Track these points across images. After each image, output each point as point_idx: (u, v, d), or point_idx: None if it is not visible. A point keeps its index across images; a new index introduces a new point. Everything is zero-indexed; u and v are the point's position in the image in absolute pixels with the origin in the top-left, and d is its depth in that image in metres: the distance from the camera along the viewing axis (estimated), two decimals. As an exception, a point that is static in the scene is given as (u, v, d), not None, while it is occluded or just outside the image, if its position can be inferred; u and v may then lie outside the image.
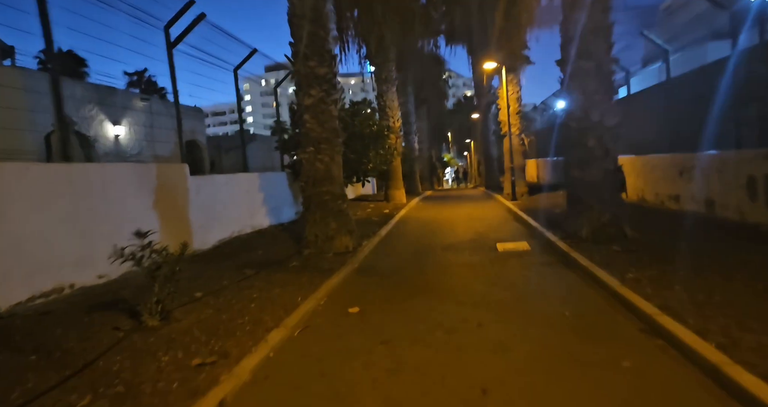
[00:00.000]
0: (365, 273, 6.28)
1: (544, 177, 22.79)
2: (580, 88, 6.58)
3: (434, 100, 36.76)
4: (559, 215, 9.66)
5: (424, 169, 30.96)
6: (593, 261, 5.37)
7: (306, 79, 7.24)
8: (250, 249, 7.79)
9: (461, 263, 6.42)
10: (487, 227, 9.67)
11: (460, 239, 8.40)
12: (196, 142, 14.00)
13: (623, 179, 6.54)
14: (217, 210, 8.09)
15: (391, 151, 13.45)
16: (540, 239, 7.73)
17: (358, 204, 16.07)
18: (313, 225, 7.44)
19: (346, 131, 11.84)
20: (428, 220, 11.61)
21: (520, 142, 15.51)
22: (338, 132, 7.55)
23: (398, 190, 16.84)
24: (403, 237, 9.10)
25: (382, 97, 16.54)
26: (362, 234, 9.11)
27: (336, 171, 7.55)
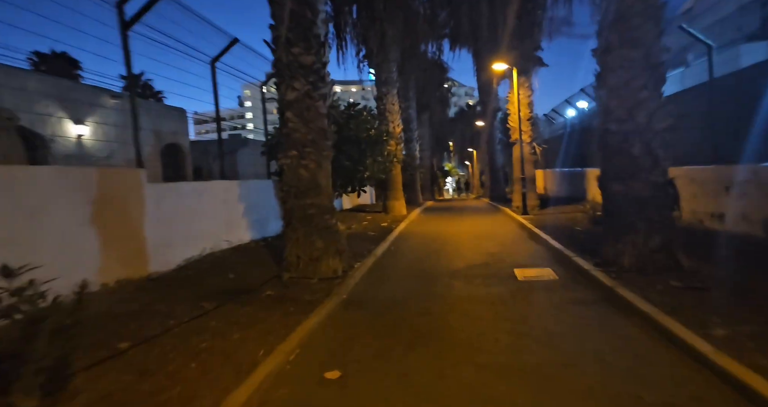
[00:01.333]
0: (354, 307, 5.00)
1: (552, 189, 21.58)
2: (622, 83, 5.36)
3: (436, 106, 35.71)
4: (583, 235, 8.42)
5: (426, 178, 29.75)
6: (652, 303, 4.09)
7: (288, 69, 6.03)
8: (221, 270, 6.52)
9: (474, 297, 5.14)
10: (499, 247, 8.39)
11: (470, 262, 7.13)
12: (178, 146, 12.77)
13: (676, 195, 5.30)
14: (184, 224, 6.83)
15: (390, 159, 12.24)
16: (567, 265, 6.45)
17: (354, 215, 14.81)
18: (295, 244, 6.18)
19: (341, 135, 10.67)
20: (431, 236, 10.34)
21: (531, 151, 14.31)
22: (327, 133, 6.32)
23: (398, 200, 15.60)
24: (403, 258, 7.82)
25: (381, 101, 15.36)
26: (355, 252, 7.85)
27: (323, 179, 6.31)
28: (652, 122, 5.25)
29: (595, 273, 5.43)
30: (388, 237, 9.84)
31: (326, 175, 6.39)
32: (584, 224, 9.94)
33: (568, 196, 18.68)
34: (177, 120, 12.64)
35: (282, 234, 6.54)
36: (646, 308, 3.96)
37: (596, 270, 5.52)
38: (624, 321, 4.02)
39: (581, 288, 5.24)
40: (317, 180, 6.23)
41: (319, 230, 6.20)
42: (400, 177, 15.83)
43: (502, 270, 6.43)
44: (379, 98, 15.43)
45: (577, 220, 10.64)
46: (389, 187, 15.60)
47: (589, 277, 5.48)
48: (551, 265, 6.57)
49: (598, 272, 5.43)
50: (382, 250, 8.43)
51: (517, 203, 14.37)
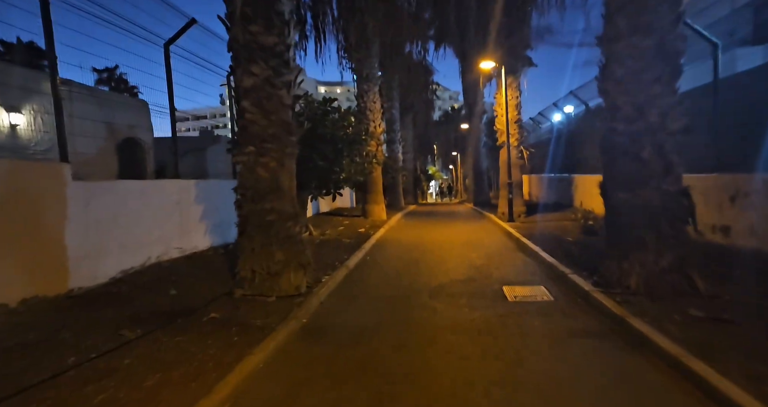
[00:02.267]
0: (314, 337, 4.13)
1: (537, 194, 21.03)
2: (632, 76, 4.62)
3: (421, 108, 35.05)
4: (576, 246, 7.70)
5: (408, 181, 29.00)
6: (674, 339, 3.33)
7: (246, 50, 5.13)
8: (164, 285, 5.57)
9: (459, 324, 4.31)
10: (485, 258, 7.61)
11: (453, 277, 6.32)
12: (137, 141, 11.68)
13: (691, 206, 4.58)
14: (123, 230, 5.86)
15: (370, 160, 11.39)
16: (562, 283, 5.69)
17: (331, 219, 13.91)
18: (251, 256, 5.28)
19: (315, 132, 9.78)
20: (411, 245, 9.52)
21: (518, 155, 13.63)
22: (291, 127, 5.44)
23: (378, 204, 14.75)
24: (378, 271, 6.97)
25: (362, 98, 14.51)
26: (325, 263, 6.99)
27: (286, 180, 5.43)
28: (665, 121, 4.52)
29: (597, 295, 4.66)
30: (365, 246, 8.99)
31: (289, 175, 5.51)
32: (575, 234, 9.25)
33: (554, 202, 18.11)
34: (137, 112, 11.56)
35: (236, 244, 5.64)
36: (670, 347, 3.18)
37: (597, 292, 4.76)
38: (644, 365, 3.23)
39: (582, 315, 4.46)
40: (278, 181, 5.34)
41: (280, 240, 5.31)
42: (380, 179, 15.00)
43: (489, 288, 5.64)
44: (359, 95, 14.59)
45: (567, 229, 9.96)
46: (369, 190, 14.74)
47: (591, 300, 4.71)
48: (544, 282, 5.80)
49: (600, 294, 4.67)
50: (356, 261, 7.56)
51: (502, 209, 13.67)
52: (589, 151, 15.00)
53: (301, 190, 10.47)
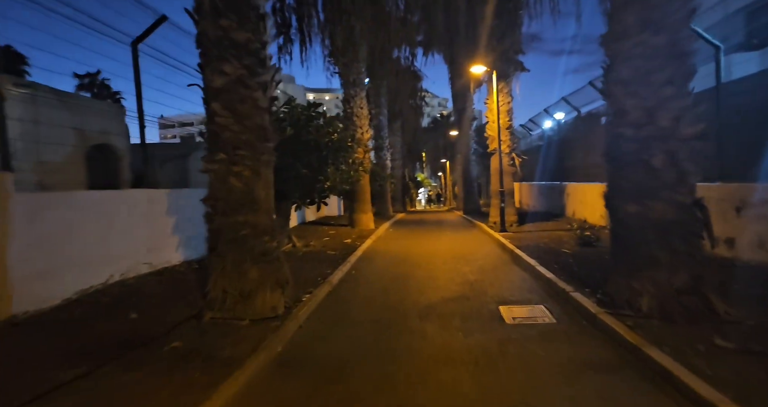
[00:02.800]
0: (288, 372, 3.61)
1: (528, 203, 20.72)
2: (641, 77, 4.22)
3: (409, 115, 34.74)
4: (573, 259, 7.28)
5: (397, 189, 28.58)
6: (704, 378, 2.87)
7: (216, 47, 4.64)
8: (124, 307, 4.99)
9: (452, 354, 3.82)
10: (478, 272, 7.15)
11: (445, 294, 5.84)
12: (110, 147, 11.04)
13: (706, 219, 4.17)
14: (80, 245, 5.29)
15: (356, 167, 10.90)
16: (563, 302, 5.24)
17: (316, 229, 13.38)
18: (222, 274, 4.74)
19: (299, 139, 9.29)
20: (400, 257, 9.03)
21: (510, 162, 13.27)
22: (267, 132, 4.94)
23: (365, 213, 14.27)
24: (364, 288, 6.46)
25: (348, 103, 14.07)
26: (307, 279, 6.47)
27: (262, 191, 4.91)
28: (678, 126, 4.12)
29: (605, 318, 4.21)
30: (350, 258, 8.47)
31: (266, 185, 4.99)
32: (571, 245, 8.85)
33: (545, 211, 17.79)
34: (110, 117, 10.95)
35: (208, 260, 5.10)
36: (702, 389, 2.72)
37: (605, 314, 4.30)
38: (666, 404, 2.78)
39: (590, 341, 4.00)
40: (253, 192, 4.82)
41: (255, 256, 4.78)
42: (368, 187, 14.52)
43: (484, 308, 5.16)
44: (345, 100, 14.14)
45: (563, 241, 9.56)
46: (356, 199, 14.26)
47: (598, 324, 4.26)
48: (544, 301, 5.34)
49: (609, 317, 4.22)
50: (340, 276, 7.05)
51: (494, 218, 13.27)
52: (581, 159, 14.72)
53: (284, 200, 9.95)
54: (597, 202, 12.36)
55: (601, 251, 7.95)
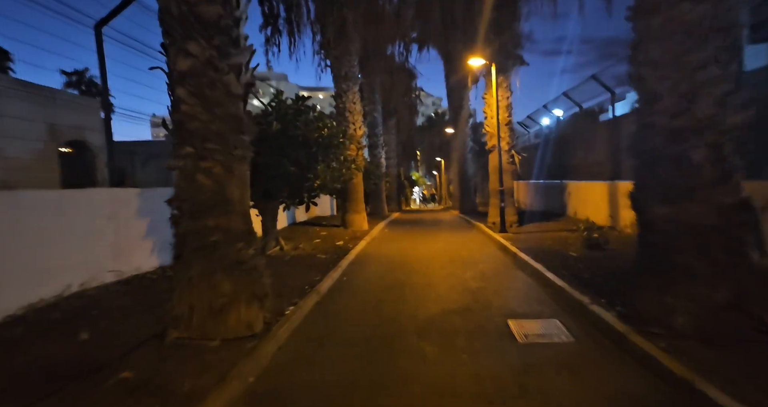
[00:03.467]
0: None
1: (526, 202, 20.15)
2: (677, 57, 3.62)
3: (404, 113, 34.16)
4: (583, 264, 6.69)
5: (392, 187, 27.97)
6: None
7: (181, 24, 3.98)
8: (76, 325, 4.32)
9: (458, 385, 3.20)
10: (481, 279, 6.54)
11: (445, 305, 5.23)
12: (85, 144, 10.33)
13: (756, 223, 3.59)
14: (29, 252, 4.62)
15: (349, 165, 10.28)
16: (580, 316, 4.63)
17: (306, 231, 12.72)
18: (188, 287, 4.09)
19: (286, 134, 8.66)
20: (395, 261, 8.41)
21: (509, 160, 12.68)
22: (242, 123, 4.29)
23: (358, 213, 13.63)
24: (355, 298, 5.83)
25: (340, 98, 13.42)
26: (292, 288, 5.85)
27: (236, 190, 4.26)
28: (721, 114, 3.52)
29: (635, 339, 3.61)
30: (341, 263, 7.84)
31: (241, 184, 4.34)
32: (578, 248, 8.26)
33: (544, 210, 17.24)
34: (86, 112, 10.23)
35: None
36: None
37: (634, 333, 3.70)
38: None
39: (620, 368, 3.39)
40: (225, 191, 4.18)
41: (227, 266, 4.14)
42: (361, 186, 13.89)
43: (491, 322, 4.55)
44: (337, 95, 13.49)
45: (568, 243, 8.98)
46: (349, 198, 13.62)
47: (627, 346, 3.65)
48: (557, 314, 4.74)
49: (639, 338, 3.61)
50: (329, 284, 6.42)
51: (493, 218, 12.68)
52: (583, 156, 14.17)
53: (271, 200, 9.30)
54: (601, 202, 11.81)
55: (612, 255, 7.38)
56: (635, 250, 4.24)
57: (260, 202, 9.24)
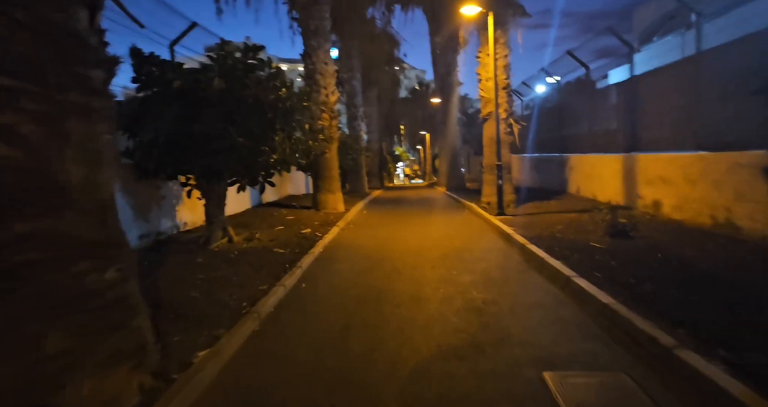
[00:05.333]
0: None
1: (520, 178, 18.48)
2: None
3: (386, 84, 31.97)
4: (618, 260, 5.02)
5: (373, 163, 26.07)
6: None
7: None
8: None
9: None
10: (486, 288, 4.83)
11: (442, 339, 3.50)
12: None
13: None
14: None
15: (316, 136, 8.37)
16: (663, 365, 2.94)
17: (271, 214, 10.84)
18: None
19: (232, 96, 6.74)
20: (373, 257, 6.65)
21: (507, 130, 10.89)
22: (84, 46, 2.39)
23: (332, 193, 11.77)
24: (311, 324, 4.05)
25: (309, 58, 11.33)
26: (224, 305, 4.08)
27: (75, 168, 2.37)
28: None
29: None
30: (303, 260, 6.05)
31: (86, 155, 2.45)
32: (599, 236, 6.63)
33: (540, 187, 15.65)
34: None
35: None
36: None
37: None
38: None
39: None
40: (49, 169, 2.30)
41: (57, 306, 2.30)
42: (335, 161, 11.98)
43: (516, 376, 2.85)
44: (306, 55, 11.39)
45: (583, 228, 7.34)
46: (321, 175, 11.73)
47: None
48: (617, 359, 3.06)
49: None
50: (279, 297, 4.63)
51: (487, 198, 10.98)
52: (587, 126, 12.48)
53: (216, 180, 7.38)
54: (612, 177, 10.18)
55: (647, 246, 5.79)
56: (676, 240, 2.52)
57: (202, 182, 7.32)
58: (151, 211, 7.37)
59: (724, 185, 6.50)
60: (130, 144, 6.86)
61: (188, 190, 7.53)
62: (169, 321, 3.79)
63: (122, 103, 6.78)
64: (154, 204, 7.49)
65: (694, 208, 7.20)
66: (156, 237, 7.36)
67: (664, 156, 8.11)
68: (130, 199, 6.78)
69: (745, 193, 5.94)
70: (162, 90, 6.66)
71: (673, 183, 7.75)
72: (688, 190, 7.34)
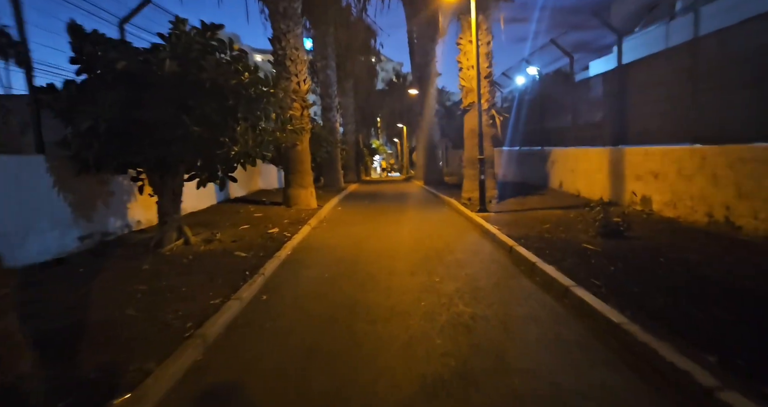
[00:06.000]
0: None
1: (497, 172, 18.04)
2: None
3: (362, 74, 31.15)
4: (615, 265, 4.50)
5: (349, 156, 25.31)
6: None
7: None
8: None
9: None
10: (474, 299, 4.23)
11: (425, 368, 2.88)
12: None
13: None
14: None
15: (281, 126, 7.60)
16: (688, 398, 2.41)
17: (238, 210, 10.05)
18: None
19: (185, 79, 5.98)
20: (345, 261, 5.99)
21: (489, 121, 10.35)
22: None
23: (304, 188, 11.03)
24: (271, 353, 3.38)
25: (279, 42, 10.51)
26: (162, 327, 3.37)
27: None
28: None
29: None
30: (266, 266, 5.35)
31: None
32: (590, 236, 6.16)
33: (521, 181, 15.26)
34: None
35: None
36: None
37: None
38: None
39: None
40: None
41: None
42: (307, 154, 11.22)
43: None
44: (275, 39, 10.56)
45: (572, 227, 6.86)
46: (292, 169, 10.97)
47: None
48: (640, 397, 2.51)
49: None
50: (232, 314, 3.93)
51: (468, 194, 10.44)
52: (570, 119, 12.06)
53: (168, 173, 6.58)
54: (598, 172, 9.76)
55: (643, 248, 5.34)
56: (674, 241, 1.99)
57: (154, 176, 6.52)
58: (96, 209, 6.53)
59: (724, 181, 6.09)
60: (69, 133, 6.01)
61: (140, 186, 6.73)
62: (91, 349, 3.08)
63: (59, 87, 5.91)
64: (100, 201, 6.64)
65: (688, 205, 6.80)
66: (102, 238, 6.53)
67: (656, 149, 7.69)
68: (66, 195, 5.93)
69: (750, 189, 5.52)
70: (104, 72, 5.82)
71: (666, 178, 7.34)
72: (683, 185, 6.93)
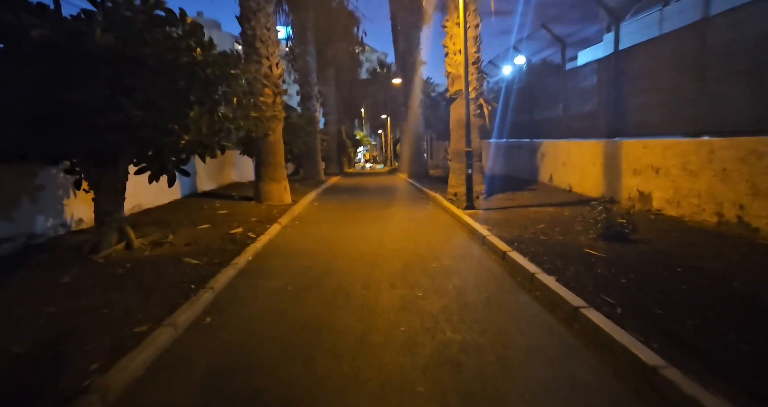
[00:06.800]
0: None
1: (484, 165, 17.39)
2: None
3: (345, 63, 30.00)
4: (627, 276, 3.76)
5: (331, 147, 24.35)
6: None
7: None
8: None
9: None
10: (465, 322, 3.48)
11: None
12: None
13: None
14: None
15: (247, 113, 6.69)
16: None
17: (201, 207, 9.12)
18: None
19: (123, 55, 5.05)
20: (315, 270, 5.18)
21: (477, 111, 9.59)
22: None
23: (277, 182, 10.14)
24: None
25: (248, 21, 9.53)
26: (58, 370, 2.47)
27: None
28: None
29: None
30: (219, 276, 4.51)
31: None
32: (591, 238, 5.48)
33: (508, 175, 14.61)
34: None
35: None
36: None
37: None
38: None
39: None
40: None
41: None
42: (281, 145, 10.32)
43: None
44: (244, 17, 9.58)
45: (570, 228, 6.17)
46: (263, 161, 10.06)
47: None
48: None
49: None
50: (154, 349, 3.08)
51: (454, 189, 9.69)
52: (561, 109, 11.39)
53: (109, 165, 5.68)
54: (592, 165, 9.10)
55: (652, 253, 4.68)
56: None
57: (90, 168, 5.59)
58: (19, 207, 5.58)
59: (735, 177, 5.45)
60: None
61: (76, 180, 5.79)
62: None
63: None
64: (25, 196, 5.69)
65: (694, 203, 6.16)
66: (27, 241, 5.59)
67: (657, 142, 7.04)
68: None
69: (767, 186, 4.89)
70: (19, 42, 4.85)
71: (668, 173, 6.69)
72: (688, 181, 6.29)
